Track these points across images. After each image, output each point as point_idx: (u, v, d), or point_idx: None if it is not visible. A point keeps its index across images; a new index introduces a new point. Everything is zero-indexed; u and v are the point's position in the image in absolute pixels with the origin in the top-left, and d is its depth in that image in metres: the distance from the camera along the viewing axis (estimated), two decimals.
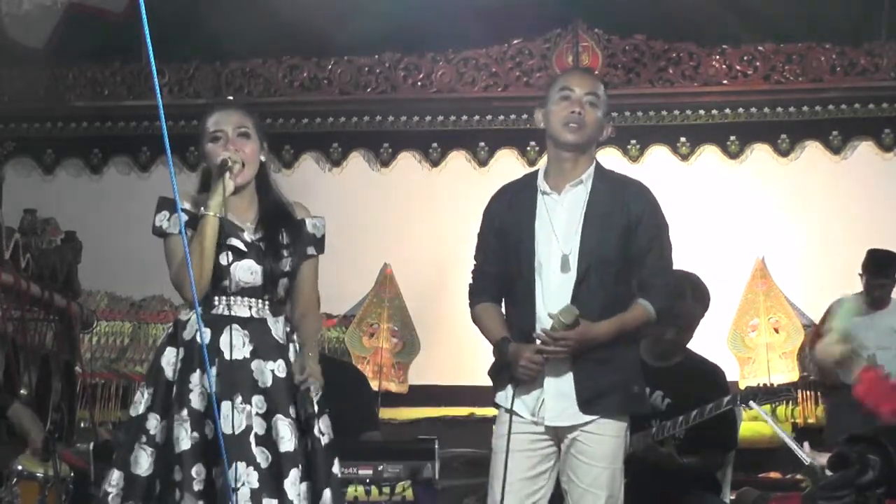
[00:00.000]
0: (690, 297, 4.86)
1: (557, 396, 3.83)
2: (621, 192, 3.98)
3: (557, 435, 3.89)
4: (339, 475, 3.80)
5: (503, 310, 4.05)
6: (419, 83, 8.71)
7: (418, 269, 8.29)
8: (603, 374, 3.86)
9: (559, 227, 3.92)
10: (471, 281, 4.12)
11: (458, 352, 7.62)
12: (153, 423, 3.66)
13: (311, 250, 3.87)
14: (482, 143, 8.63)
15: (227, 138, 3.78)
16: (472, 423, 7.76)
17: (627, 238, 3.91)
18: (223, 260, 3.68)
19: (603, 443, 3.86)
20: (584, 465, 3.87)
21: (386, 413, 7.60)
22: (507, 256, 3.99)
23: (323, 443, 3.72)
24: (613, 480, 3.89)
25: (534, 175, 4.05)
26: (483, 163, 8.63)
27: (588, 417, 3.85)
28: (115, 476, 3.66)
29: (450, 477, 5.50)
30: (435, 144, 8.70)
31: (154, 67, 2.97)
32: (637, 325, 3.93)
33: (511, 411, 3.84)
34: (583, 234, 3.89)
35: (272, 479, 3.57)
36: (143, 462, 3.62)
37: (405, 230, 8.55)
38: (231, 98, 8.68)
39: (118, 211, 8.42)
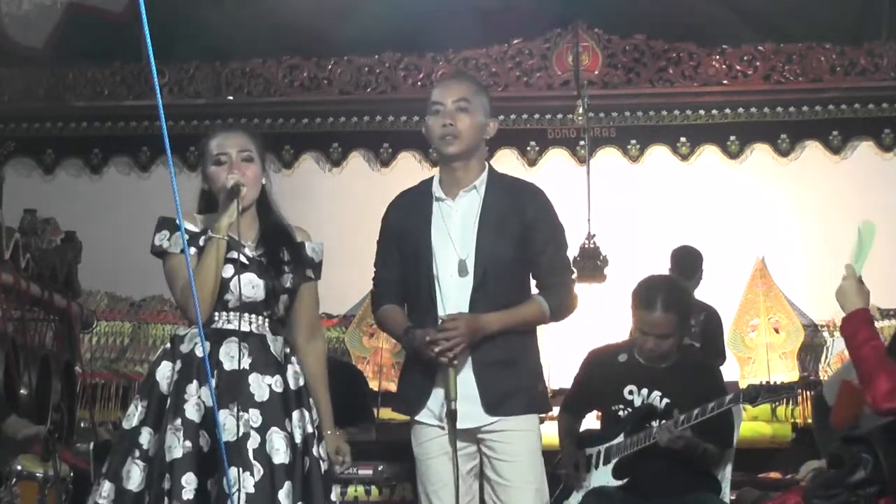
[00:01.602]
0: (660, 307, 4.86)
1: (462, 400, 3.84)
2: (515, 196, 4.02)
3: (471, 436, 3.92)
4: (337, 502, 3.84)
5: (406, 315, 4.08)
6: (419, 83, 8.72)
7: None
8: (507, 377, 3.90)
9: (455, 233, 3.96)
10: (372, 288, 4.17)
11: None
12: (146, 437, 3.65)
13: (310, 273, 3.89)
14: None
15: (231, 162, 3.78)
16: None
17: (523, 241, 3.95)
18: (225, 273, 3.69)
19: (518, 438, 3.90)
20: (504, 462, 3.90)
21: (386, 413, 7.59)
22: (406, 262, 4.03)
23: (323, 467, 3.74)
24: (536, 472, 3.93)
25: (429, 182, 4.10)
26: None
27: (494, 418, 3.88)
28: (107, 488, 3.64)
29: None
30: None
31: (154, 67, 2.97)
32: (529, 319, 3.96)
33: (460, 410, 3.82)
34: (478, 238, 3.93)
35: (265, 490, 3.57)
36: (136, 477, 3.61)
37: None
38: (231, 98, 8.69)
39: (118, 211, 8.42)
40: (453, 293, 3.91)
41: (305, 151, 8.81)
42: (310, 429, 3.72)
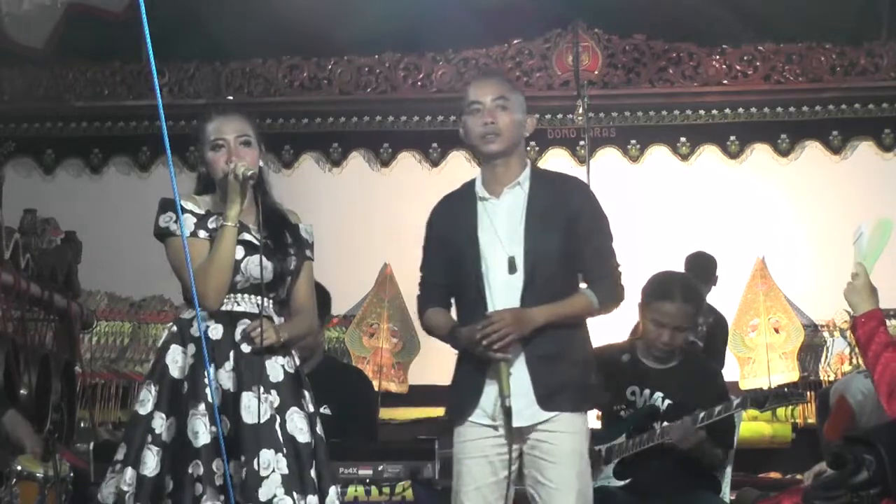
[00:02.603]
0: (679, 298, 4.85)
1: (516, 396, 3.84)
2: (560, 190, 4.03)
3: (520, 436, 3.90)
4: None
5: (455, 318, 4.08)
6: (419, 83, 8.72)
7: (418, 269, 8.27)
8: (558, 370, 3.88)
9: (502, 231, 3.95)
10: (418, 293, 4.16)
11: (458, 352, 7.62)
12: (159, 423, 3.66)
13: (308, 253, 3.91)
14: None
15: (230, 147, 3.79)
16: None
17: (569, 235, 3.95)
18: (236, 254, 3.71)
19: (566, 440, 3.88)
20: (549, 464, 3.88)
21: (386, 413, 7.59)
22: (453, 266, 4.02)
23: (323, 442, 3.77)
24: (581, 476, 3.91)
25: (471, 183, 4.08)
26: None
27: (548, 414, 3.86)
28: (130, 475, 3.64)
29: (450, 477, 5.48)
30: (435, 144, 8.70)
31: (154, 67, 2.97)
32: (577, 312, 3.96)
33: (509, 412, 3.81)
34: (525, 234, 3.92)
35: (294, 471, 3.59)
36: (150, 462, 3.62)
37: (405, 230, 8.52)
38: (231, 98, 8.69)
39: (118, 211, 8.42)
40: (503, 291, 3.89)
41: (305, 151, 8.81)
42: (311, 408, 3.74)
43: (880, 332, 3.49)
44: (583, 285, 4.01)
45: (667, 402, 4.78)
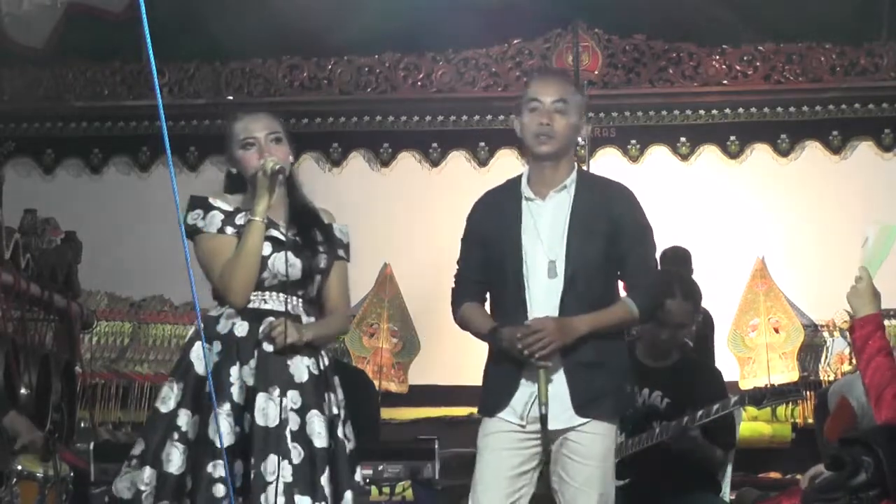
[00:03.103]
0: (680, 295, 4.86)
1: (552, 402, 3.83)
2: (604, 196, 4.00)
3: (549, 437, 3.89)
4: (362, 483, 3.82)
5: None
6: (419, 83, 8.72)
7: (418, 269, 8.29)
8: (596, 377, 3.87)
9: (544, 234, 3.93)
10: (453, 286, 4.13)
11: (458, 352, 7.60)
12: (184, 420, 3.63)
13: (341, 253, 3.90)
14: (482, 143, 8.64)
15: (261, 145, 3.78)
16: (472, 423, 7.69)
17: (612, 241, 3.92)
18: (263, 251, 3.70)
19: (595, 442, 3.88)
20: (577, 464, 3.88)
21: (386, 413, 7.58)
22: (493, 263, 3.99)
23: (347, 448, 3.75)
24: (605, 479, 3.91)
25: (517, 181, 4.05)
26: (483, 163, 8.64)
27: (582, 420, 3.86)
28: (148, 474, 3.61)
29: (450, 477, 5.48)
30: (435, 144, 8.70)
31: (154, 67, 2.97)
32: (618, 321, 3.94)
33: (545, 410, 3.81)
34: (568, 239, 3.90)
35: (305, 475, 3.57)
36: (176, 459, 3.59)
37: (405, 230, 8.55)
38: (231, 98, 8.70)
39: (118, 211, 8.42)
40: (542, 295, 3.88)
41: (305, 151, 8.78)
42: (335, 410, 3.72)
43: (876, 337, 3.49)
44: (622, 293, 4.01)
45: (666, 401, 4.79)
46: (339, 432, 3.73)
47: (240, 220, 3.73)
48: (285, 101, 8.74)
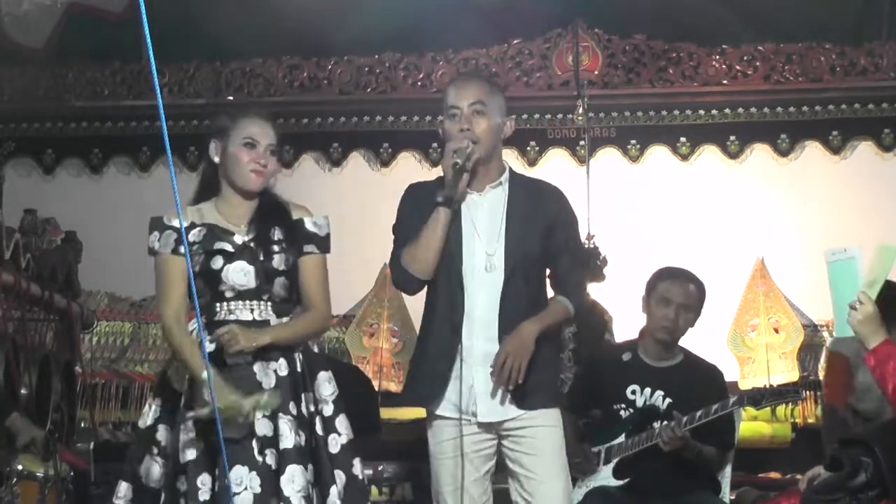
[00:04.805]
0: (684, 276, 4.89)
1: (488, 393, 3.86)
2: (538, 194, 4.08)
3: (495, 430, 3.92)
4: (361, 476, 3.81)
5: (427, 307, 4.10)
6: (419, 83, 8.71)
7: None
8: (530, 371, 3.90)
9: (481, 228, 3.99)
10: (389, 264, 4.15)
11: None
12: (163, 434, 3.66)
13: (309, 248, 3.85)
14: None
15: (259, 152, 3.78)
16: None
17: (546, 238, 4.00)
18: (214, 264, 3.69)
19: (545, 433, 3.94)
20: (530, 457, 3.93)
21: (386, 413, 7.58)
22: None
23: (340, 442, 3.75)
24: (561, 466, 3.98)
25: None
26: None
27: (521, 411, 3.91)
28: (124, 488, 3.66)
29: None
30: (434, 144, 8.69)
31: (154, 67, 2.97)
32: (560, 320, 4.05)
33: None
34: (506, 234, 3.97)
35: (275, 481, 3.57)
36: (155, 474, 3.63)
37: None
38: (231, 98, 8.69)
39: (118, 211, 8.41)
40: (479, 288, 3.93)
41: (305, 151, 8.80)
42: (312, 408, 3.72)
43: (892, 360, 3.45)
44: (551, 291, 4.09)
45: (667, 401, 4.79)
46: (319, 429, 3.71)
47: (194, 235, 3.72)
48: (285, 101, 8.73)
